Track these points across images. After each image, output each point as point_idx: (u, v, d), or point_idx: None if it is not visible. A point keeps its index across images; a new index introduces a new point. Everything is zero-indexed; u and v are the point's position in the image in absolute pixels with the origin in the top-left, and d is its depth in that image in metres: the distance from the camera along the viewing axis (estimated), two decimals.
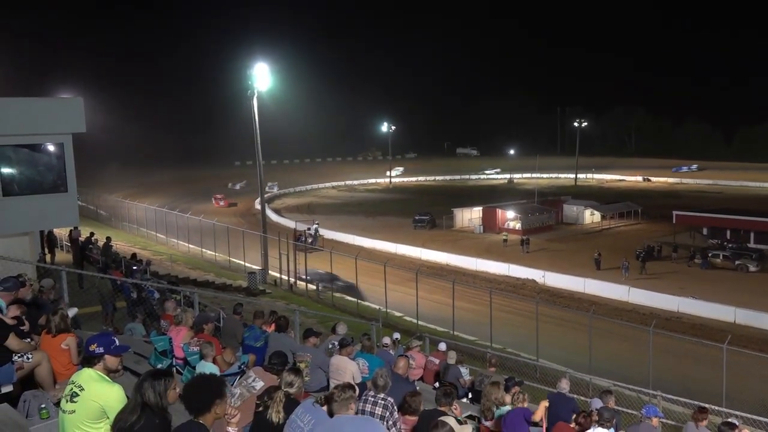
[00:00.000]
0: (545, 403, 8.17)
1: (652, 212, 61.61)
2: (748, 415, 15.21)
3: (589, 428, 7.92)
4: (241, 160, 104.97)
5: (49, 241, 26.17)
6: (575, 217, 61.61)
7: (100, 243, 27.79)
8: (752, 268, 40.77)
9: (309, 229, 48.38)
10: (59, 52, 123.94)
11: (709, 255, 42.97)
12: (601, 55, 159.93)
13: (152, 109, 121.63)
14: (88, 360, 5.13)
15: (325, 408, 5.57)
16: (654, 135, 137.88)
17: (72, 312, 7.60)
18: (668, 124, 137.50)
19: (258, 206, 52.80)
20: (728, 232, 47.96)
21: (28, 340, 7.07)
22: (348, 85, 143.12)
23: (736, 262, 41.56)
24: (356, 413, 5.62)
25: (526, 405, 8.41)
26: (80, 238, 27.90)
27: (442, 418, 5.24)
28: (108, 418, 4.80)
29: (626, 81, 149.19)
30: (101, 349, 5.15)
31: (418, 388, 10.16)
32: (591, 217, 61.31)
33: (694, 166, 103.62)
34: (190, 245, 42.48)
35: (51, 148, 18.21)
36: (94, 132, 24.17)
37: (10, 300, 7.73)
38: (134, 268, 22.56)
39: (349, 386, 5.54)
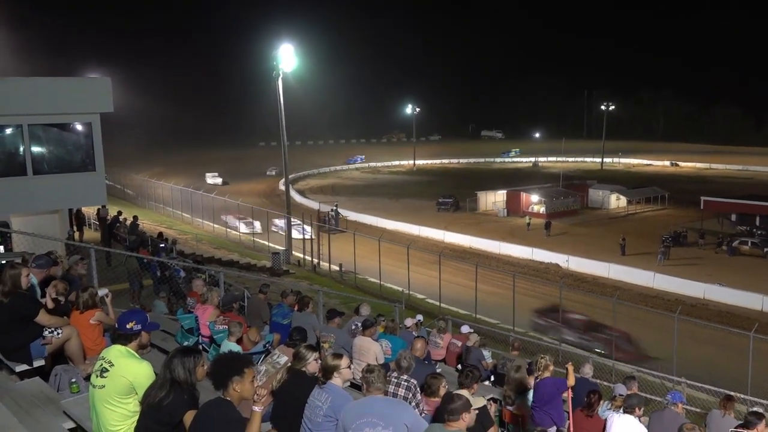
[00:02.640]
0: (571, 381, 8.15)
1: (679, 197, 60.75)
2: None
3: (597, 408, 7.85)
4: (265, 140, 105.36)
5: (77, 219, 26.59)
6: (601, 201, 60.94)
7: (128, 222, 28.19)
8: None
9: (331, 210, 48.58)
10: (87, 32, 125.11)
11: (737, 242, 42.32)
12: (629, 39, 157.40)
13: (178, 89, 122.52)
14: (126, 337, 5.20)
15: (333, 382, 5.57)
16: (683, 119, 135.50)
17: (102, 292, 7.70)
18: (697, 108, 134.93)
19: (282, 187, 53.06)
20: (758, 219, 47.08)
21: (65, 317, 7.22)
22: (373, 67, 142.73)
23: (765, 249, 40.85)
24: (385, 394, 5.61)
25: (551, 370, 8.36)
26: (108, 217, 28.32)
27: (457, 391, 5.27)
28: (137, 393, 4.88)
29: (655, 64, 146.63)
30: (139, 326, 5.23)
31: (439, 369, 10.20)
32: (617, 201, 60.60)
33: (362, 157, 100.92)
34: (215, 225, 42.88)
35: (79, 127, 18.49)
36: (121, 111, 24.36)
37: (43, 277, 7.87)
38: (161, 246, 22.85)
39: (380, 367, 5.52)
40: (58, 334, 6.73)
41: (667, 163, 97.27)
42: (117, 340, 5.28)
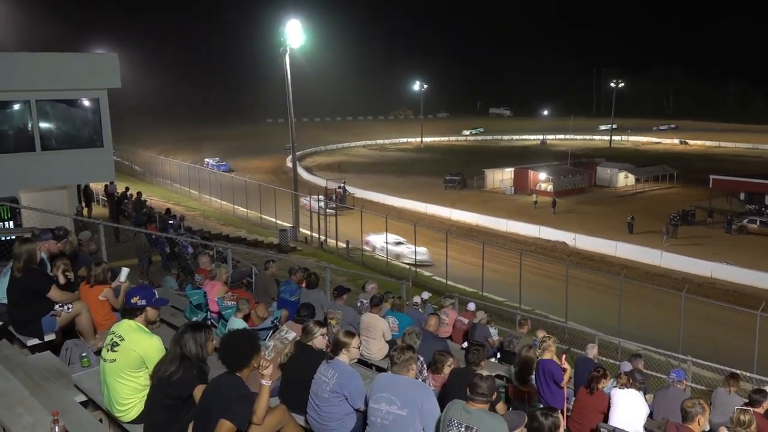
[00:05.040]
0: (569, 373, 8.21)
1: (688, 176, 60.41)
2: None
3: (598, 385, 7.91)
4: (272, 117, 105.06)
5: (85, 195, 26.69)
6: (609, 179, 60.74)
7: (134, 198, 28.30)
8: None
9: (339, 187, 48.59)
10: (93, 7, 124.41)
11: (746, 220, 42.17)
12: (640, 15, 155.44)
13: (183, 65, 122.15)
14: (130, 312, 5.26)
15: (341, 359, 5.64)
16: (693, 96, 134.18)
17: (123, 276, 7.64)
18: (708, 85, 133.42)
19: (289, 164, 53.02)
20: (767, 198, 46.81)
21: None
22: (380, 43, 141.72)
23: None
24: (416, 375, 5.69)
25: (553, 352, 8.40)
26: (116, 193, 28.42)
27: (480, 371, 5.33)
28: (147, 367, 4.94)
29: (665, 41, 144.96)
30: (143, 302, 5.28)
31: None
32: (625, 180, 60.39)
33: None
34: (223, 201, 42.98)
35: (87, 103, 18.51)
36: (128, 87, 24.30)
37: (48, 250, 7.90)
38: (170, 222, 22.94)
39: (408, 347, 5.58)
40: (68, 308, 6.79)
41: (676, 141, 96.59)
42: (123, 314, 5.37)
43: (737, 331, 21.43)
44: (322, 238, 34.75)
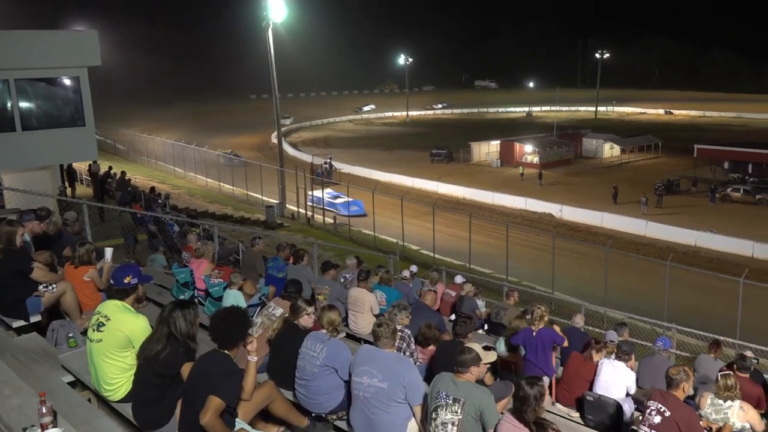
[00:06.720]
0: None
1: (673, 146, 60.69)
2: (763, 347, 15.34)
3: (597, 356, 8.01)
4: (256, 93, 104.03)
5: (69, 175, 26.45)
6: (594, 150, 60.91)
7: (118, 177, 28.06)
8: None
9: (325, 163, 48.43)
10: None
11: (730, 189, 42.55)
12: None
13: (165, 41, 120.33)
14: (125, 292, 5.22)
15: (338, 337, 5.72)
16: (679, 66, 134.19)
17: (108, 256, 7.61)
18: (694, 55, 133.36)
19: (274, 140, 52.72)
20: (750, 166, 47.18)
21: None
22: (365, 16, 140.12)
23: (757, 197, 41.09)
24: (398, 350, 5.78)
25: (545, 320, 8.49)
26: (99, 172, 28.18)
27: (468, 344, 5.37)
28: (133, 347, 4.93)
29: (651, 9, 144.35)
30: (135, 280, 5.26)
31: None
32: (610, 150, 60.56)
33: None
34: (208, 179, 42.73)
35: (67, 81, 18.24)
36: (109, 65, 23.97)
37: (31, 230, 7.84)
38: (158, 201, 22.81)
39: (391, 322, 5.64)
40: (52, 289, 6.76)
41: (662, 111, 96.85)
42: (114, 295, 5.29)
43: (721, 298, 21.70)
44: (309, 213, 34.70)
